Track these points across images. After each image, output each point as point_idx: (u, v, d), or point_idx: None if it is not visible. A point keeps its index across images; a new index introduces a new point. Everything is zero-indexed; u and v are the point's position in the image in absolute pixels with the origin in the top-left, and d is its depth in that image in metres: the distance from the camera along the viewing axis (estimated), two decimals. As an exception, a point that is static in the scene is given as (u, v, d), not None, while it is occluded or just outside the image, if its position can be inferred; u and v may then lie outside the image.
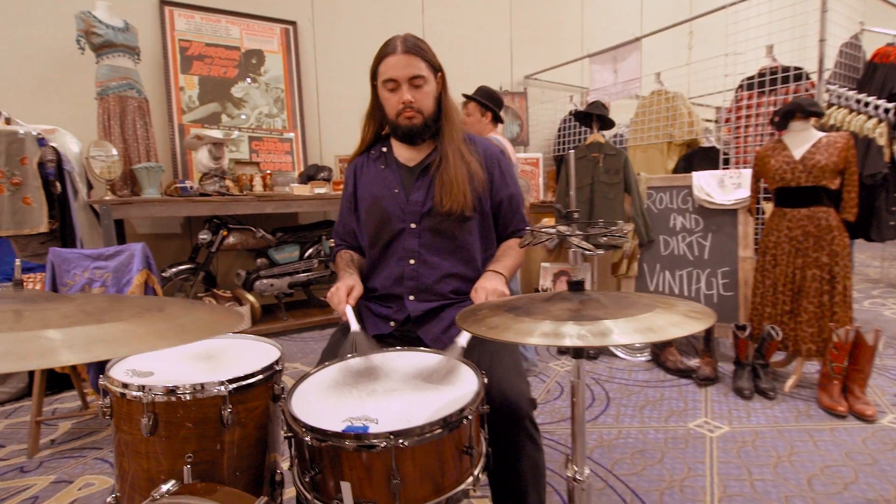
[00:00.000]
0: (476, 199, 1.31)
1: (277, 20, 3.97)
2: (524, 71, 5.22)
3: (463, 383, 0.94)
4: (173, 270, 3.32)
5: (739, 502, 1.55)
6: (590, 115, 3.07)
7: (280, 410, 0.92)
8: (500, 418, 1.04)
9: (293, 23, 4.03)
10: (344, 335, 1.24)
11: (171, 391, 0.93)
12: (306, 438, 0.78)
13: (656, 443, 1.93)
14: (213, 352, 1.16)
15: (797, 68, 3.03)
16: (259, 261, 3.63)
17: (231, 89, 3.80)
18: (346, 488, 0.77)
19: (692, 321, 0.67)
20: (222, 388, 0.95)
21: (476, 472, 0.87)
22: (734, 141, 3.34)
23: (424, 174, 1.32)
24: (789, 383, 2.39)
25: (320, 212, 3.74)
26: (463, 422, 0.82)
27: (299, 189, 3.52)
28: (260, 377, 1.02)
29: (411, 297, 1.30)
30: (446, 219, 1.28)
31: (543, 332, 0.67)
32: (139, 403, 0.92)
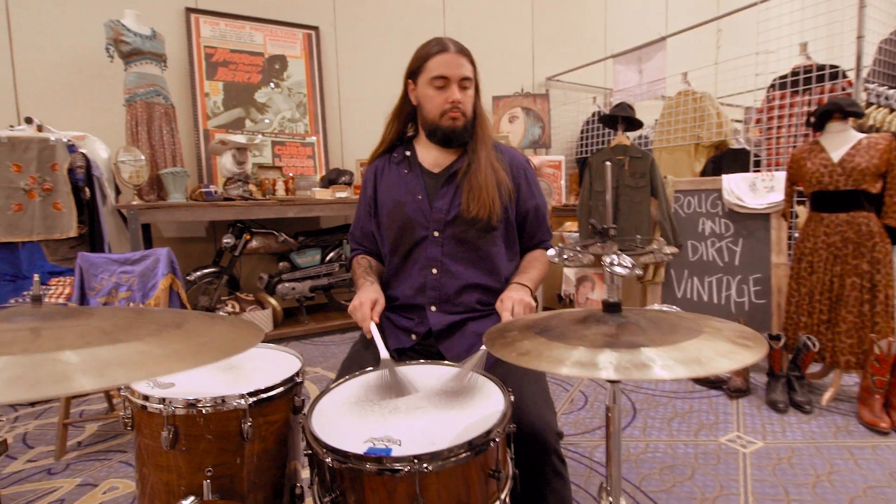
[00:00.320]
0: (502, 208, 1.27)
1: (300, 25, 4.00)
2: (546, 72, 5.15)
3: (488, 401, 0.90)
4: (197, 274, 3.36)
5: (777, 524, 1.48)
6: (615, 118, 2.99)
7: (301, 426, 0.90)
8: (525, 450, 0.98)
9: (315, 28, 4.05)
10: (366, 348, 1.22)
11: (192, 404, 0.92)
12: (327, 460, 0.76)
13: (686, 458, 1.86)
14: (234, 362, 1.14)
15: (833, 66, 2.90)
16: (281, 264, 3.66)
17: (254, 94, 3.84)
18: (368, 512, 0.74)
19: (742, 350, 0.62)
20: (242, 402, 0.94)
21: (503, 496, 0.83)
22: (766, 142, 3.22)
23: (450, 181, 1.28)
24: (827, 396, 2.29)
25: (341, 216, 3.75)
26: (490, 444, 0.78)
27: (321, 193, 3.53)
28: (280, 389, 1.00)
29: (433, 308, 1.26)
30: (471, 227, 1.25)
31: (577, 361, 0.63)
32: (160, 416, 0.92)
